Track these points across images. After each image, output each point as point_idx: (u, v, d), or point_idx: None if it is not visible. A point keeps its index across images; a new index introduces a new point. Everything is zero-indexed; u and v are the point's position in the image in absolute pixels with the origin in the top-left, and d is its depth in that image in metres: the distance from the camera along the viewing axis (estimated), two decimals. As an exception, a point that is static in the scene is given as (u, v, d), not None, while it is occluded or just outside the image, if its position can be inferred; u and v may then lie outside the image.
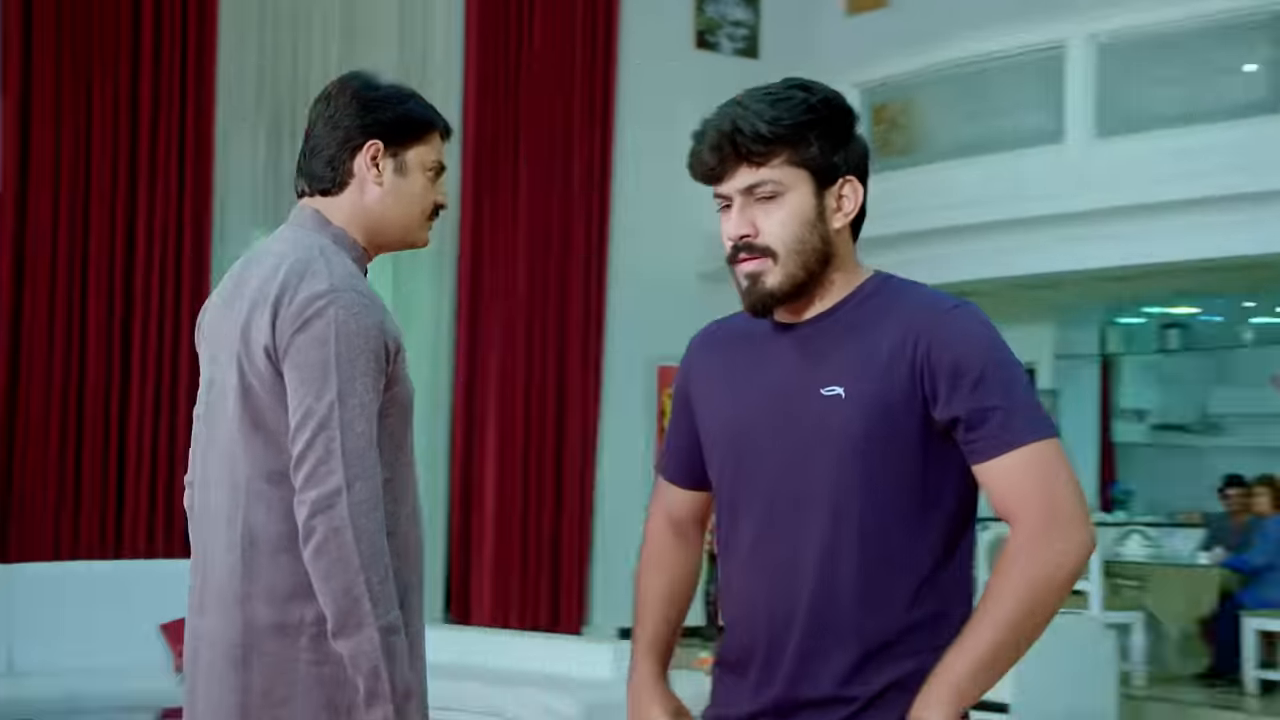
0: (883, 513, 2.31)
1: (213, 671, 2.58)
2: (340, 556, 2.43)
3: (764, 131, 2.33)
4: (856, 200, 2.40)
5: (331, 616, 2.47)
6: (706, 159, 2.38)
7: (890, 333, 2.33)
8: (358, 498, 2.46)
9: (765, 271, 2.36)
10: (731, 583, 2.45)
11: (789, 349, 2.42)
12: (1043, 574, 2.24)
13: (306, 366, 2.49)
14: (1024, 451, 2.26)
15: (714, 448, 2.49)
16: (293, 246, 2.63)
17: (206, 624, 2.61)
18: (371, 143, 2.66)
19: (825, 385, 2.34)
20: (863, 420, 2.30)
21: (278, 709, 2.53)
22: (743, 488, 2.42)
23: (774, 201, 2.35)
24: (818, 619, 2.31)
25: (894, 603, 2.31)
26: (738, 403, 2.45)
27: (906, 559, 2.32)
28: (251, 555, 2.54)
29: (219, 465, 2.61)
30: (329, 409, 2.47)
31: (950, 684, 2.25)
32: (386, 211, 2.70)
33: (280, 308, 2.52)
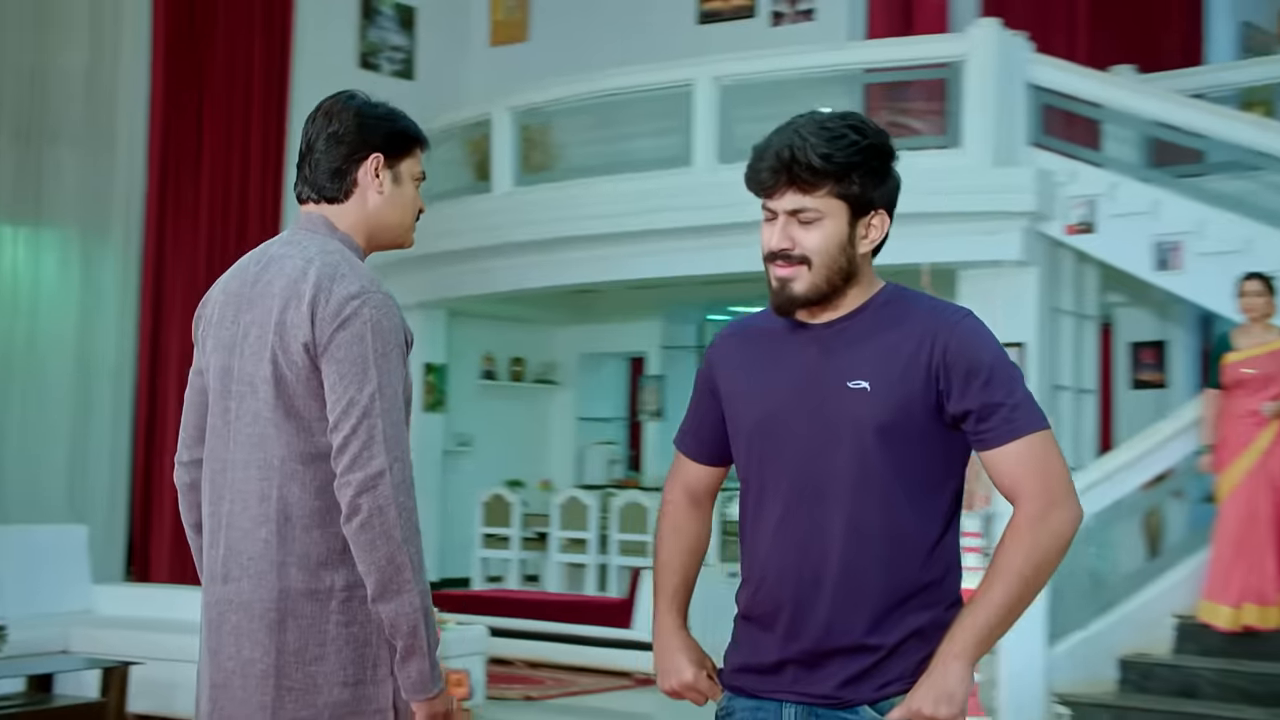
0: (900, 491, 2.48)
1: (242, 633, 2.66)
2: (384, 531, 2.56)
3: (817, 165, 2.45)
4: (883, 230, 2.56)
5: (375, 584, 2.59)
6: (764, 177, 2.51)
7: (908, 336, 2.50)
8: (398, 478, 2.59)
9: (796, 278, 2.50)
10: (758, 550, 2.57)
11: (812, 346, 2.56)
12: (1046, 542, 2.44)
13: (348, 361, 2.61)
14: (1026, 440, 2.46)
15: (743, 432, 2.61)
16: (316, 250, 2.73)
17: (232, 590, 2.69)
18: (374, 156, 2.79)
19: (851, 379, 2.49)
20: (887, 411, 2.46)
21: (310, 666, 2.63)
22: (771, 467, 2.55)
23: (814, 225, 2.50)
24: (846, 581, 2.46)
25: (909, 566, 2.48)
26: (767, 392, 2.58)
27: (918, 530, 2.49)
28: (286, 528, 2.64)
29: (248, 448, 2.69)
30: (370, 399, 2.59)
31: (975, 629, 2.44)
32: (385, 217, 2.84)
33: (318, 307, 2.63)
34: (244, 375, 2.72)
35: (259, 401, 2.69)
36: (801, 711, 2.53)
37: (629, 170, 12.33)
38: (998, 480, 2.52)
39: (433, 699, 2.66)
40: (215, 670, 2.72)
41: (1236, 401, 8.00)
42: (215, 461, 2.78)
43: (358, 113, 2.80)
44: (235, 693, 2.68)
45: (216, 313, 2.83)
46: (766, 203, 2.55)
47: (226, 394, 2.76)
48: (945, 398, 2.48)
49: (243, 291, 2.78)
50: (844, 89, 12.72)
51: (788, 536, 2.53)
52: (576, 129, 13.21)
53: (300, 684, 2.63)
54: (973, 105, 11.05)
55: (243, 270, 2.83)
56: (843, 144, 2.48)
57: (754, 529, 2.60)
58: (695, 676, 2.69)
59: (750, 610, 2.60)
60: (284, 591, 2.64)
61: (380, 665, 2.67)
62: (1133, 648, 7.89)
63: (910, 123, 12.93)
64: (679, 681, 2.70)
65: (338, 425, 2.61)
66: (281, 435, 2.67)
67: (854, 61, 12.20)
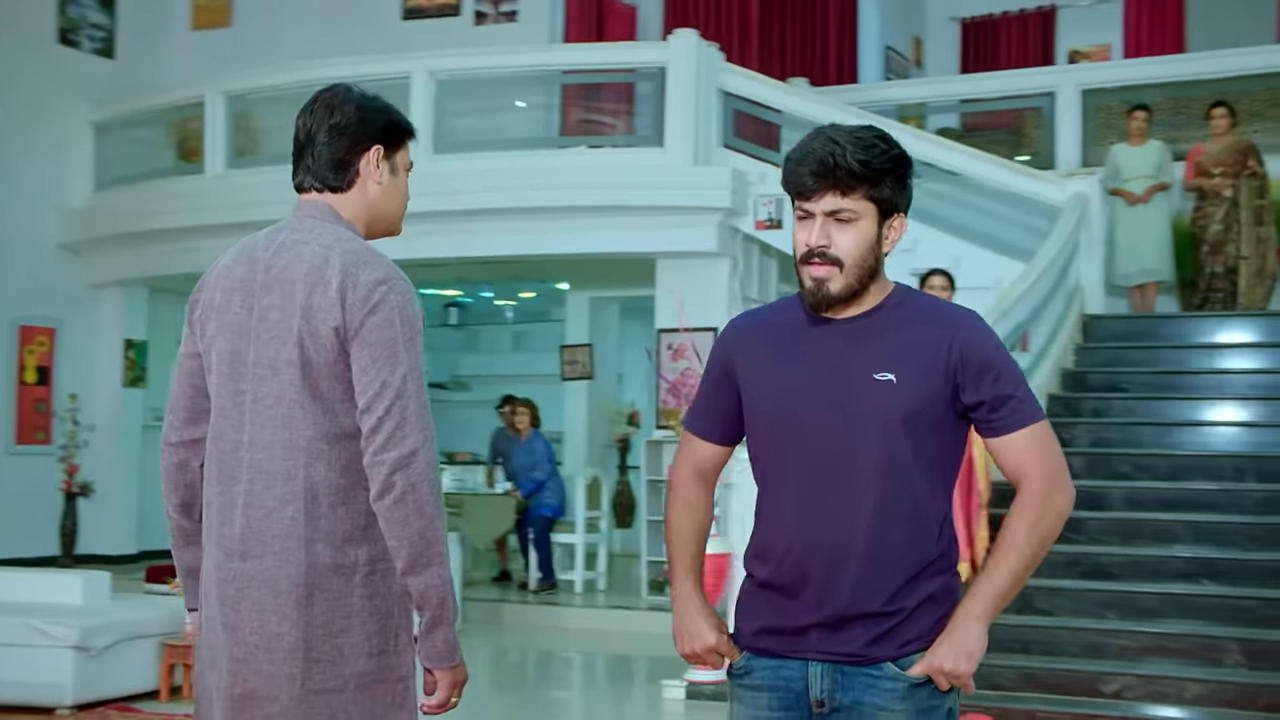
0: (920, 473, 2.55)
1: (267, 608, 2.57)
2: (417, 507, 2.51)
3: (856, 170, 2.51)
4: (901, 232, 2.62)
5: (406, 558, 2.54)
6: (807, 181, 2.54)
7: (927, 334, 2.57)
8: (428, 457, 2.55)
9: (831, 278, 2.55)
10: (783, 524, 2.59)
11: (835, 339, 2.59)
12: (1050, 518, 2.55)
13: (379, 345, 2.53)
14: (1031, 429, 2.57)
15: (766, 416, 2.64)
16: (333, 237, 2.65)
17: (253, 567, 2.58)
18: (375, 147, 2.71)
19: (877, 371, 2.54)
20: (912, 402, 2.53)
21: (337, 638, 2.56)
22: (796, 449, 2.58)
23: (849, 224, 2.54)
24: (873, 554, 2.52)
25: (926, 540, 2.55)
26: (792, 380, 2.61)
27: (931, 507, 2.57)
28: (313, 506, 2.56)
29: (271, 429, 2.59)
30: (402, 381, 2.53)
31: (991, 595, 2.54)
32: (384, 206, 2.76)
33: (347, 292, 2.55)
34: (262, 358, 2.61)
35: (282, 383, 2.59)
36: (828, 669, 2.57)
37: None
38: (1005, 463, 2.60)
39: (455, 667, 2.63)
40: (236, 644, 2.60)
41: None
42: (224, 442, 2.66)
43: (358, 105, 2.72)
44: (260, 666, 2.57)
45: (220, 297, 2.69)
46: (803, 204, 2.58)
47: (238, 376, 2.64)
48: (961, 390, 2.56)
49: (253, 276, 2.66)
50: (544, 87, 12.73)
51: (817, 513, 2.56)
52: (286, 115, 12.70)
53: (328, 655, 2.57)
54: (674, 108, 11.20)
55: (249, 256, 2.70)
56: (875, 152, 2.54)
57: (776, 505, 2.62)
58: (717, 640, 2.70)
59: (773, 579, 2.62)
60: (312, 567, 2.56)
61: (401, 635, 2.63)
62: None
63: (602, 120, 13.09)
64: (701, 645, 2.71)
65: (370, 407, 2.54)
66: (308, 416, 2.58)
67: (568, 63, 12.20)
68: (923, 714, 2.54)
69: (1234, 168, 10.49)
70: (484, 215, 11.40)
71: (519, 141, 12.24)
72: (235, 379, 2.64)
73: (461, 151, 11.67)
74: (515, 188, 11.26)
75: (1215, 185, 10.52)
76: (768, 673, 2.63)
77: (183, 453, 2.76)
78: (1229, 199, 10.49)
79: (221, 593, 2.63)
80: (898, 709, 2.53)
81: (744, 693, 2.67)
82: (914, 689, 2.53)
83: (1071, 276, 10.09)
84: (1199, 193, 10.64)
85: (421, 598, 2.56)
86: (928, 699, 2.54)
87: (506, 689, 8.80)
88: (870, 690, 2.54)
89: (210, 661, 2.67)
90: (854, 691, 2.55)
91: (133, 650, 7.32)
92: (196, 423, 2.74)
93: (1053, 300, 9.82)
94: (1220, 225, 10.51)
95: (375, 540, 2.58)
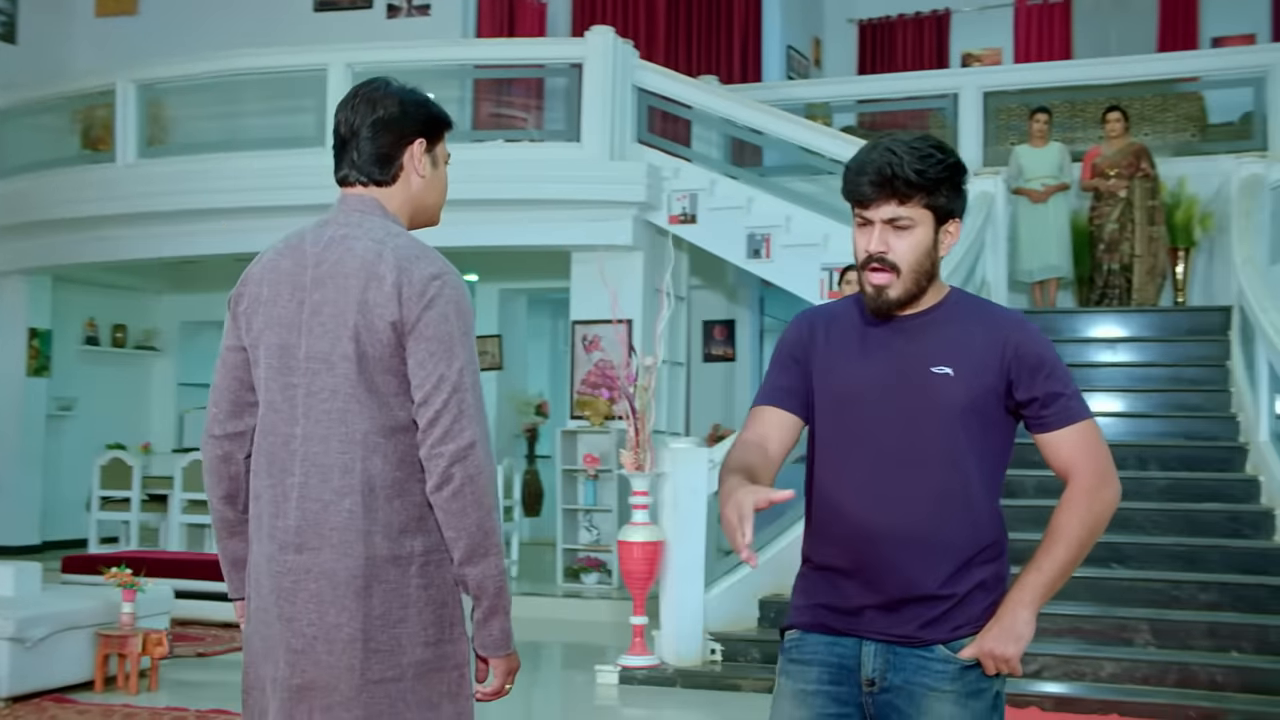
0: (975, 464, 2.63)
1: (325, 600, 2.56)
2: (475, 499, 2.52)
3: (914, 179, 2.57)
4: (956, 237, 2.68)
5: (464, 548, 2.54)
6: (866, 190, 2.61)
7: (983, 333, 2.66)
8: (485, 449, 2.55)
9: (890, 285, 2.63)
10: (843, 509, 2.65)
11: (897, 336, 2.68)
12: (1099, 511, 2.64)
13: (436, 339, 2.53)
14: (1079, 426, 2.66)
15: (831, 405, 2.70)
16: (383, 232, 2.64)
17: (309, 559, 2.57)
18: (418, 140, 2.71)
19: (935, 365, 2.63)
20: (967, 394, 2.61)
21: (394, 628, 2.56)
22: (859, 438, 2.65)
23: (907, 231, 2.61)
24: (929, 539, 2.60)
25: (980, 528, 2.64)
26: (857, 372, 2.68)
27: (983, 498, 2.65)
28: (371, 499, 2.55)
29: (326, 423, 2.58)
30: (459, 374, 2.53)
31: (1040, 584, 2.62)
32: (426, 199, 2.76)
33: (403, 287, 2.54)
34: (316, 353, 2.59)
35: (337, 377, 2.57)
36: (881, 649, 2.63)
37: (252, 148, 11.89)
38: (1054, 458, 2.68)
39: (510, 655, 2.64)
40: (293, 636, 2.58)
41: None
42: (274, 435, 2.64)
43: (400, 99, 2.70)
44: (319, 657, 2.56)
45: (267, 290, 2.67)
46: (863, 212, 2.65)
47: (288, 370, 2.62)
48: (1014, 387, 2.64)
49: (302, 270, 2.64)
50: (456, 81, 12.70)
51: (877, 499, 2.62)
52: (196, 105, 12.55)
53: (386, 645, 2.56)
54: (590, 104, 11.26)
55: (295, 250, 2.67)
56: (931, 161, 2.60)
57: (838, 490, 2.67)
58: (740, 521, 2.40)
59: (830, 561, 2.68)
60: (370, 559, 2.55)
61: (456, 624, 2.63)
62: (770, 590, 8.29)
63: (513, 114, 13.09)
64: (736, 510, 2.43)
65: (428, 400, 2.53)
66: (364, 410, 2.56)
67: (488, 58, 12.21)
68: (971, 696, 2.62)
69: (1128, 170, 10.82)
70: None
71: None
72: (285, 373, 2.62)
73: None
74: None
75: (1111, 186, 10.84)
76: (820, 648, 2.68)
77: (227, 445, 2.72)
78: (1124, 199, 10.82)
79: (277, 585, 2.60)
80: (948, 690, 2.60)
81: (792, 667, 2.72)
82: (964, 671, 2.61)
83: (978, 273, 10.34)
84: (1095, 193, 10.96)
85: (479, 587, 2.56)
86: (976, 681, 2.62)
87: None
88: (921, 671, 2.61)
89: (264, 653, 2.65)
90: (905, 672, 2.62)
91: (67, 641, 7.19)
92: (240, 416, 2.72)
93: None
94: (1115, 224, 10.83)
95: (429, 531, 2.59)
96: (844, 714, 2.67)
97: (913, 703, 2.62)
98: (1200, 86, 12.13)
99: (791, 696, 2.71)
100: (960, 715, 2.60)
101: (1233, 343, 9.67)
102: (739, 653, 7.99)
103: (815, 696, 2.68)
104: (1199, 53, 13.97)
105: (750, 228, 11.18)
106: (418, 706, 2.57)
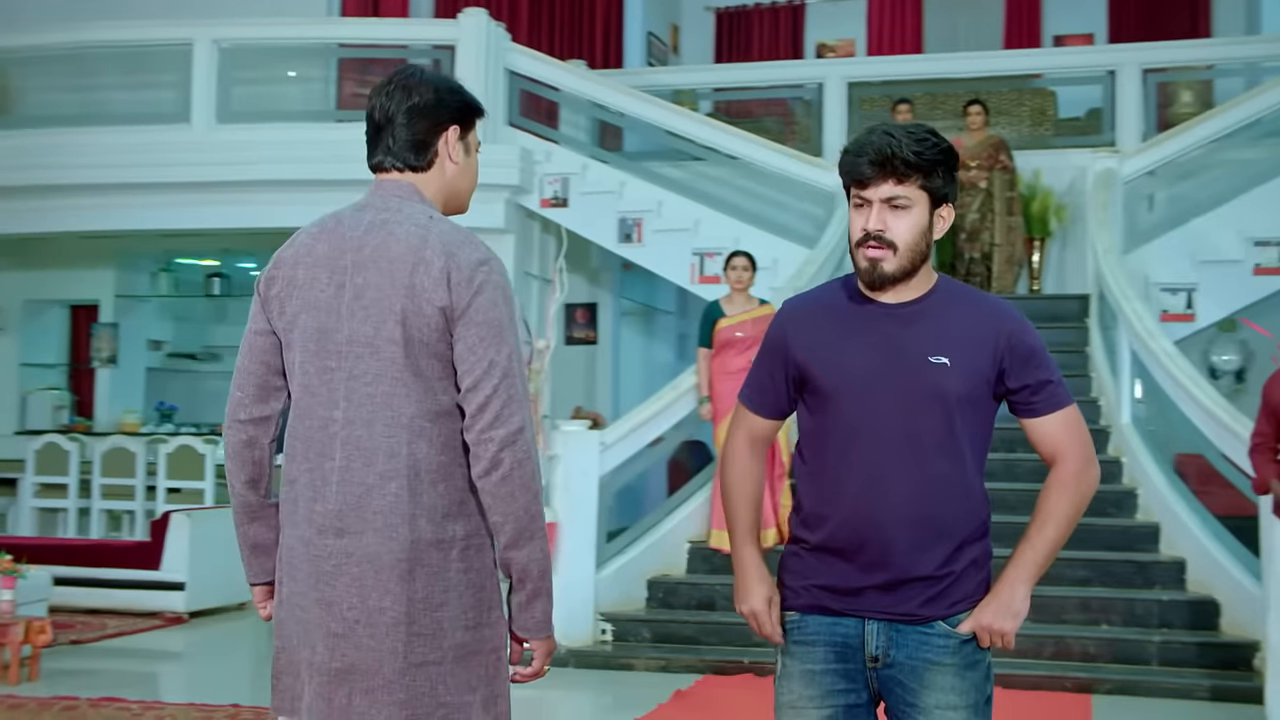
0: (968, 449, 2.73)
1: (367, 584, 2.55)
2: (523, 483, 2.54)
3: (912, 160, 2.66)
4: (948, 222, 2.76)
5: (511, 532, 2.56)
6: (866, 169, 2.68)
7: (975, 322, 2.74)
8: (531, 434, 2.57)
9: (885, 259, 2.69)
10: (844, 494, 2.73)
11: (889, 323, 2.75)
12: (1083, 494, 2.77)
13: (485, 325, 2.54)
14: (1067, 412, 2.77)
15: (827, 392, 2.76)
16: (425, 216, 2.65)
17: (351, 543, 2.57)
18: (452, 127, 2.73)
19: (932, 354, 2.70)
20: (963, 383, 2.70)
21: (437, 611, 2.56)
22: (856, 424, 2.73)
23: (904, 211, 2.69)
24: (929, 523, 2.69)
25: (972, 510, 2.74)
26: (851, 359, 2.74)
27: (975, 482, 2.75)
28: (416, 483, 2.55)
29: (370, 406, 2.57)
30: (508, 360, 2.55)
31: (1034, 561, 2.74)
32: (458, 184, 2.78)
33: (451, 272, 2.54)
34: (359, 336, 2.58)
35: (381, 361, 2.57)
36: (884, 627, 2.73)
37: (106, 123, 11.49)
38: (1041, 442, 2.79)
39: (550, 637, 2.67)
40: (333, 620, 2.57)
41: (728, 360, 8.58)
42: (311, 419, 2.62)
43: (435, 87, 2.73)
44: (361, 640, 2.55)
45: (302, 273, 2.65)
46: (860, 193, 2.72)
47: (325, 354, 2.61)
48: (1006, 375, 2.74)
49: (340, 255, 2.64)
50: (321, 60, 12.49)
51: (880, 485, 2.71)
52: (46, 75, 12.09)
53: (428, 629, 2.56)
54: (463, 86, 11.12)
55: (332, 234, 2.67)
56: (928, 145, 2.70)
57: (839, 476, 2.75)
58: (766, 606, 2.84)
59: (829, 543, 2.75)
60: (415, 543, 2.55)
61: (494, 608, 2.64)
62: (657, 570, 8.37)
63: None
64: (748, 608, 2.86)
65: (478, 385, 2.54)
66: (411, 394, 2.56)
67: (360, 36, 12.02)
68: (968, 668, 2.74)
69: (988, 161, 11.12)
70: (269, 187, 11.11)
71: (301, 114, 11.95)
72: (323, 356, 2.61)
73: (245, 122, 11.33)
74: (300, 160, 11.02)
75: (971, 177, 11.13)
76: (823, 629, 2.77)
77: (251, 430, 2.71)
78: (984, 190, 11.12)
79: (316, 569, 2.59)
80: (948, 663, 2.72)
81: (797, 648, 2.81)
82: (962, 645, 2.73)
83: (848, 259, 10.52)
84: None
85: (524, 570, 2.58)
86: (972, 654, 2.74)
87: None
88: (923, 647, 2.72)
89: (300, 636, 2.63)
90: (908, 648, 2.73)
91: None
92: (265, 400, 2.71)
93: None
94: (976, 214, 11.13)
95: (470, 515, 2.60)
96: (851, 689, 2.77)
97: (915, 676, 2.73)
98: (1056, 83, 12.53)
99: (800, 676, 2.80)
100: (959, 686, 2.73)
101: (1092, 329, 10.03)
102: (629, 633, 8.06)
103: (823, 675, 2.77)
104: (1056, 50, 14.47)
105: (622, 212, 11.21)
106: (456, 689, 2.58)
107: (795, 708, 2.78)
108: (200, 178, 11.01)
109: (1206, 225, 10.35)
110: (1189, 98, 11.98)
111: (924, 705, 2.72)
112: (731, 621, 7.82)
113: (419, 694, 2.55)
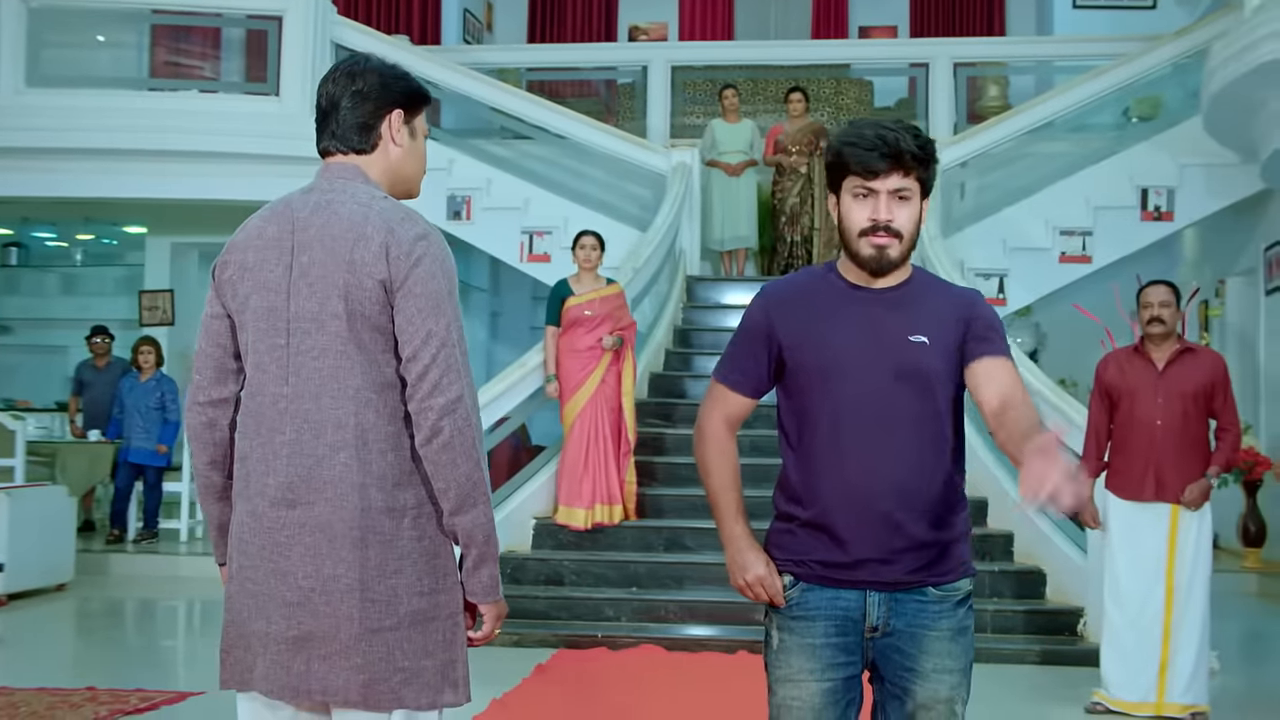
0: (948, 423, 2.87)
1: (321, 553, 2.61)
2: (464, 450, 2.58)
3: (917, 153, 2.80)
4: (926, 213, 2.92)
5: (454, 499, 2.61)
6: (878, 162, 2.79)
7: (950, 305, 2.90)
8: (471, 402, 2.61)
9: (890, 246, 2.82)
10: (833, 470, 2.82)
11: (874, 306, 2.88)
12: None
13: (424, 296, 2.59)
14: (1010, 361, 2.90)
15: (812, 372, 2.86)
16: (367, 195, 2.70)
17: (303, 514, 2.62)
18: (396, 111, 2.77)
19: (912, 334, 2.83)
20: (942, 361, 2.83)
21: (391, 579, 2.61)
22: (843, 403, 2.82)
23: (906, 201, 2.83)
24: (922, 494, 2.82)
25: (954, 480, 2.88)
26: (838, 341, 2.85)
27: (954, 455, 2.89)
28: (364, 452, 2.60)
29: (318, 380, 2.62)
30: (446, 330, 2.59)
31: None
32: (405, 168, 2.83)
33: (390, 247, 2.60)
34: (304, 313, 2.64)
35: (327, 336, 2.62)
36: (883, 597, 2.83)
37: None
38: (987, 382, 2.81)
39: (499, 601, 2.73)
40: (289, 590, 2.62)
41: (576, 338, 8.59)
42: (262, 396, 2.68)
43: (379, 73, 2.78)
44: (318, 608, 2.60)
45: (253, 256, 2.71)
46: (867, 184, 2.82)
47: (275, 332, 2.67)
48: (966, 341, 2.85)
49: (287, 235, 2.69)
50: (134, 25, 12.05)
51: (872, 460, 2.80)
52: None
53: (383, 596, 2.61)
54: (290, 58, 10.92)
55: (280, 216, 2.72)
56: (923, 140, 2.84)
57: (831, 453, 2.83)
58: (768, 570, 2.88)
59: (818, 518, 2.84)
60: (366, 510, 2.60)
61: (449, 574, 2.69)
62: (504, 547, 8.33)
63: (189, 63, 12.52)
64: (753, 575, 2.88)
65: (416, 355, 2.59)
66: (355, 366, 2.62)
67: (177, 4, 11.54)
68: (960, 633, 2.87)
69: (808, 147, 11.40)
70: (79, 155, 10.71)
71: (113, 80, 11.53)
72: (272, 334, 2.66)
73: (55, 86, 10.87)
74: (112, 129, 10.66)
75: (792, 162, 11.40)
76: (824, 603, 2.85)
77: (211, 412, 2.77)
78: (804, 175, 11.40)
79: (270, 540, 2.64)
80: (943, 627, 2.85)
81: (795, 623, 2.87)
82: (955, 608, 2.86)
83: (678, 241, 10.66)
84: (777, 168, 11.49)
85: (469, 536, 2.63)
86: (964, 618, 2.89)
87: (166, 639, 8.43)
88: (921, 614, 2.84)
89: (253, 610, 2.66)
90: (906, 616, 2.84)
91: None
92: (223, 383, 2.77)
93: (666, 262, 10.35)
94: (797, 198, 11.40)
95: (419, 484, 2.65)
96: (850, 662, 2.86)
97: (914, 643, 2.84)
98: (868, 74, 12.88)
99: (799, 650, 2.87)
100: (954, 650, 2.86)
101: (915, 312, 10.33)
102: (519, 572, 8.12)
103: (823, 649, 2.85)
104: (877, 41, 14.82)
105: (451, 189, 11.13)
106: (413, 654, 2.63)
107: (793, 680, 2.86)
108: (6, 143, 10.55)
109: (1017, 214, 10.80)
110: (995, 91, 12.46)
111: (922, 670, 2.83)
112: (581, 596, 7.89)
113: (376, 659, 2.60)
